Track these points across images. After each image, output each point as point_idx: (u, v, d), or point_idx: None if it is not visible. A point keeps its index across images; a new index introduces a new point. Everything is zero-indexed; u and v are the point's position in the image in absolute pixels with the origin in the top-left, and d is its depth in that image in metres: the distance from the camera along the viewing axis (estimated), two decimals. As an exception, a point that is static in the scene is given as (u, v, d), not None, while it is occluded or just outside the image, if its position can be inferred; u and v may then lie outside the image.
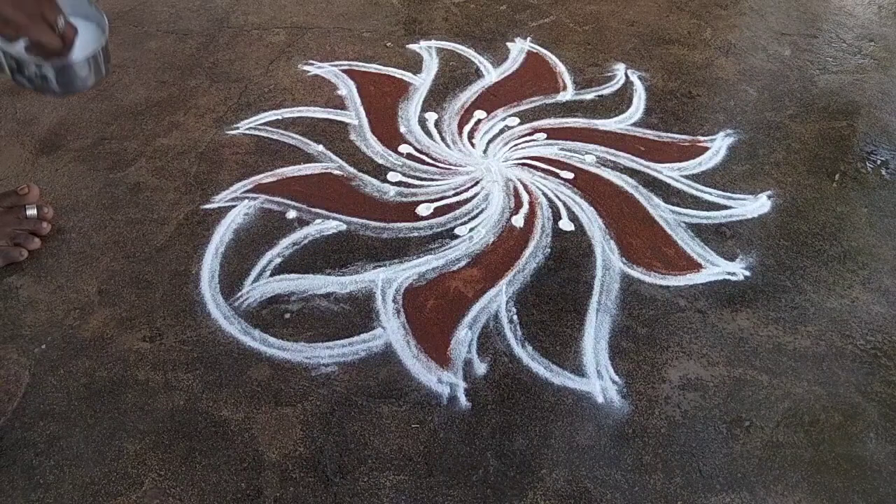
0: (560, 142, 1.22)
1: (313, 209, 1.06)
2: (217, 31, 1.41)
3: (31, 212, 0.97)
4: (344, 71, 1.36)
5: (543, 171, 1.15)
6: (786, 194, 1.13)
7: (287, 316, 0.90)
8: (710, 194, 1.12)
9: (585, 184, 1.13)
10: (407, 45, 1.44)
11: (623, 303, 0.94)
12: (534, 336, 0.89)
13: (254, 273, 0.96)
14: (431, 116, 1.26)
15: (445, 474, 0.75)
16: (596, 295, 0.95)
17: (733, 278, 0.99)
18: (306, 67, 1.36)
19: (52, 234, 0.99)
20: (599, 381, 0.85)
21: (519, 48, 1.46)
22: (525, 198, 1.10)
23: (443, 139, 1.22)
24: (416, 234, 1.03)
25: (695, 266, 1.00)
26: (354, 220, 1.05)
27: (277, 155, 1.15)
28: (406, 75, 1.36)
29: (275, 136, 1.19)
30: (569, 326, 0.91)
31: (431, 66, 1.39)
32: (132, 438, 0.77)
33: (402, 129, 1.23)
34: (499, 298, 0.94)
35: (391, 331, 0.89)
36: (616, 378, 0.85)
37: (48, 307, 0.90)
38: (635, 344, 0.89)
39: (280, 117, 1.24)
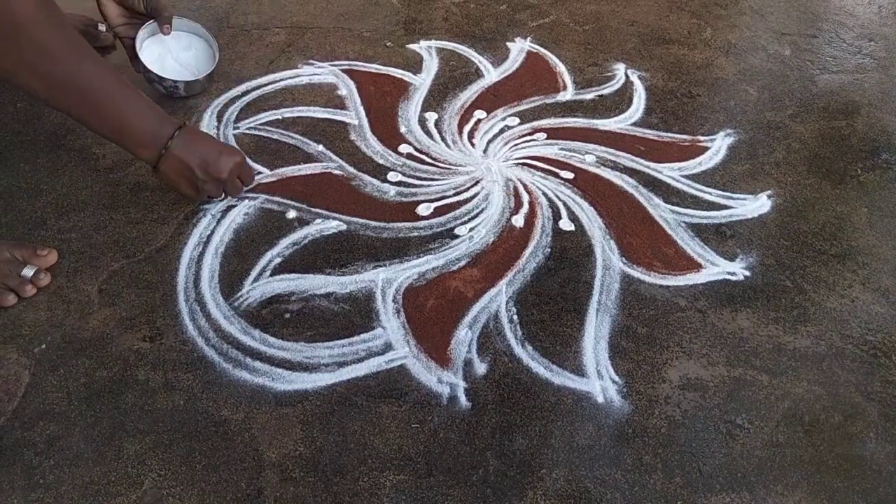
0: (560, 142, 1.22)
1: (313, 209, 1.06)
2: (217, 31, 1.41)
3: (27, 272, 0.91)
4: (344, 71, 1.36)
5: (543, 170, 1.15)
6: (786, 194, 1.13)
7: (287, 316, 0.90)
8: (710, 194, 1.12)
9: (585, 184, 1.13)
10: (407, 45, 1.44)
11: (623, 303, 0.94)
12: (534, 336, 0.89)
13: (254, 273, 0.96)
14: (431, 116, 1.26)
15: (445, 474, 0.75)
16: (596, 295, 0.95)
17: (733, 278, 0.99)
18: (306, 67, 1.36)
19: (52, 236, 0.99)
20: (599, 380, 0.85)
21: (519, 48, 1.46)
22: (525, 198, 1.10)
23: (443, 139, 1.22)
24: (416, 233, 1.03)
25: (695, 266, 1.00)
26: (354, 219, 1.04)
27: (277, 155, 1.15)
28: (406, 75, 1.36)
29: (275, 136, 1.19)
30: (569, 326, 0.91)
31: (431, 66, 1.39)
32: (132, 438, 0.77)
33: (403, 129, 1.23)
34: (499, 298, 0.94)
35: (391, 331, 0.89)
36: (616, 378, 0.85)
37: (48, 307, 0.90)
38: (635, 344, 0.89)
39: (280, 117, 1.24)
